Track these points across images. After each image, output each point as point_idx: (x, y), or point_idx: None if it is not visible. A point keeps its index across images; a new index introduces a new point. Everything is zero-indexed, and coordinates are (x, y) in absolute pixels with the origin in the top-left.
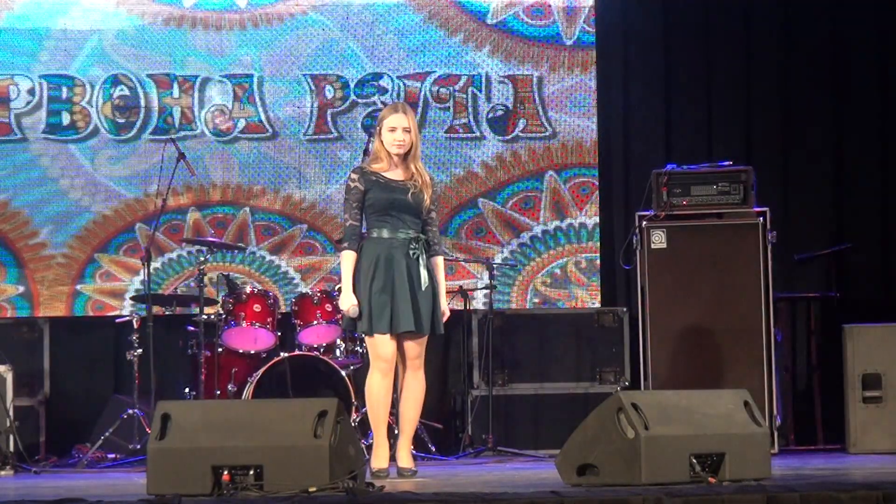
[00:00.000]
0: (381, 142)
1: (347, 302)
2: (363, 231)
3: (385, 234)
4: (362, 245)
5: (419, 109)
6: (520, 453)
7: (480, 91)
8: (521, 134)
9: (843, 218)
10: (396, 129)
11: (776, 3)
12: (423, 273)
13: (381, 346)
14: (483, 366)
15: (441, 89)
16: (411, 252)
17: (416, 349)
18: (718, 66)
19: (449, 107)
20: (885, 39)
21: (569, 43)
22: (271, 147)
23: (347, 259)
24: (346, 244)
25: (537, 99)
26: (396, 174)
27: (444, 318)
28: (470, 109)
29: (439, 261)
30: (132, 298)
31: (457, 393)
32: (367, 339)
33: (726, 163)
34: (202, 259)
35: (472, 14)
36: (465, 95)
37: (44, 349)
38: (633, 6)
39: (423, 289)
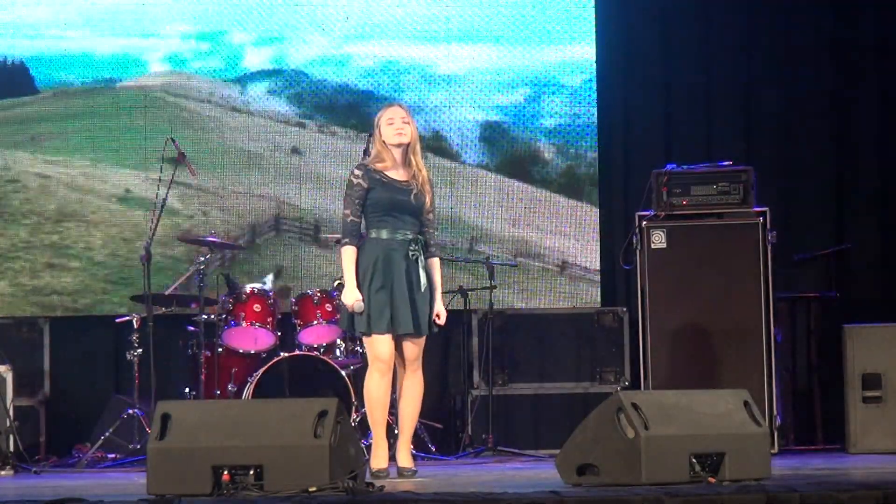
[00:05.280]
0: (383, 141)
1: (352, 297)
2: (362, 231)
3: (384, 234)
4: (362, 245)
5: None
6: (520, 453)
7: None
8: None
9: (843, 218)
10: (395, 120)
11: (776, 4)
12: (423, 274)
13: (379, 347)
14: (483, 366)
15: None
16: (410, 253)
17: (414, 350)
18: (718, 67)
19: None
20: (885, 39)
21: (569, 43)
22: None
23: (349, 254)
24: (346, 240)
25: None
26: (399, 174)
27: (441, 321)
28: None
29: (436, 262)
30: (132, 298)
31: (457, 393)
32: (365, 339)
33: (726, 163)
34: (202, 259)
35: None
36: None
37: (44, 349)
38: (633, 7)
39: (423, 290)
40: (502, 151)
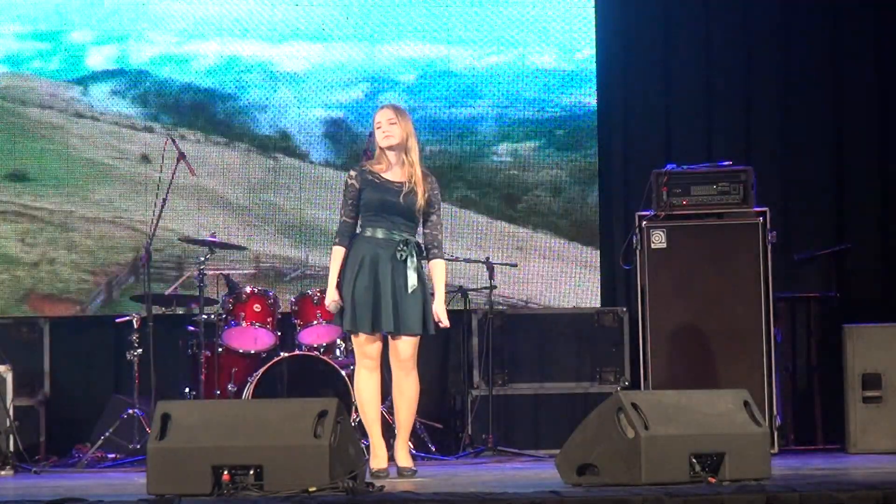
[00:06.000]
0: (380, 146)
1: (328, 297)
2: (357, 230)
3: (376, 234)
4: (353, 243)
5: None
6: (520, 453)
7: None
8: None
9: (843, 218)
10: (381, 123)
11: (776, 4)
12: (411, 275)
13: (364, 345)
14: (483, 366)
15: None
16: (398, 254)
17: (406, 350)
18: (718, 66)
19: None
20: (885, 39)
21: (569, 44)
22: None
23: (336, 255)
24: (336, 240)
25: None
26: (394, 175)
27: (443, 324)
28: None
29: (439, 264)
30: (132, 298)
31: (457, 393)
32: (352, 337)
33: (726, 163)
34: (202, 259)
35: None
36: None
37: (44, 349)
38: (633, 7)
39: (410, 291)
40: (347, 148)
